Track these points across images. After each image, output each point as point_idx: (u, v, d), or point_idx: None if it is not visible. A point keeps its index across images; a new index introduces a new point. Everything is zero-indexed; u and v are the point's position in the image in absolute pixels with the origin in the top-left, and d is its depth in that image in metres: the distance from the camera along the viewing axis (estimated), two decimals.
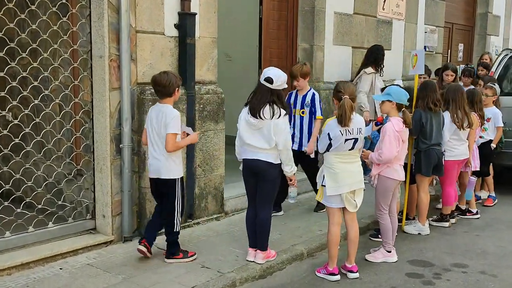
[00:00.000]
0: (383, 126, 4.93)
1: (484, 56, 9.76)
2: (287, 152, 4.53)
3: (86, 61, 4.97)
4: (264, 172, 4.56)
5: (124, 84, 4.91)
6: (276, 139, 4.45)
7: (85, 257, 4.76)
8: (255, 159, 4.56)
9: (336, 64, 7.75)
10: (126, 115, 4.95)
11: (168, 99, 4.53)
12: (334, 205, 4.59)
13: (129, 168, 5.02)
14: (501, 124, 6.93)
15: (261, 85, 4.52)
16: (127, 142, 4.98)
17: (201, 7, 5.61)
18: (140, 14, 5.06)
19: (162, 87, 4.49)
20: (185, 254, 4.74)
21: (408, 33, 9.50)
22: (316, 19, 7.32)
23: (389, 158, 4.83)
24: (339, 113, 4.42)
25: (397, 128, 4.83)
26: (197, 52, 5.55)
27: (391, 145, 4.81)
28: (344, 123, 4.38)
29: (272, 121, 4.43)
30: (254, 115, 4.47)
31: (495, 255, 5.26)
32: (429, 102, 5.58)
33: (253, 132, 4.53)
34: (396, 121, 4.87)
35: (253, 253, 4.79)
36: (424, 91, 5.66)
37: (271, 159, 4.54)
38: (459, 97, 5.92)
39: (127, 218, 5.09)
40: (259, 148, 4.52)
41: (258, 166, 4.55)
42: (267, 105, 4.45)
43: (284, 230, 5.68)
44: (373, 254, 5.10)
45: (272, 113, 4.44)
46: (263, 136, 4.49)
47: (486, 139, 6.87)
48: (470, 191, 6.48)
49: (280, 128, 4.45)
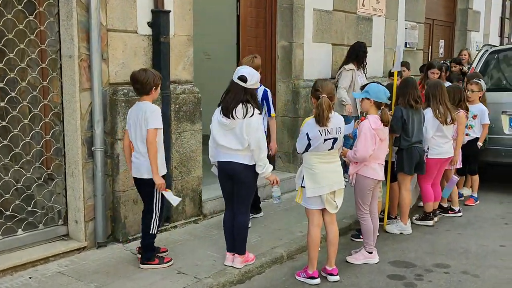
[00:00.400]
0: (360, 124, 4.83)
1: (462, 52, 9.73)
2: (259, 151, 4.34)
3: (55, 61, 4.79)
4: (239, 174, 4.43)
5: (95, 85, 4.74)
6: (249, 138, 4.30)
7: (56, 265, 4.58)
8: (230, 161, 4.42)
9: (316, 62, 7.63)
10: (98, 117, 4.78)
11: (146, 97, 4.40)
12: (314, 207, 4.47)
13: (102, 171, 4.85)
14: (487, 122, 6.82)
15: (234, 83, 4.37)
16: (100, 144, 4.81)
17: (175, 4, 5.45)
18: (111, 12, 4.89)
19: (140, 84, 4.37)
20: (161, 260, 4.59)
21: (389, 30, 9.42)
22: (295, 16, 7.19)
23: (364, 157, 4.73)
24: (316, 113, 4.29)
25: (374, 126, 4.73)
26: (172, 50, 5.40)
27: (366, 143, 4.71)
28: (322, 122, 4.26)
29: (245, 120, 4.29)
30: (226, 115, 4.33)
31: (477, 254, 5.19)
32: (410, 99, 5.49)
33: (226, 133, 4.39)
34: (374, 119, 4.77)
35: (231, 257, 4.66)
36: (404, 88, 5.57)
37: (246, 160, 4.40)
38: (439, 92, 5.84)
39: (101, 223, 4.92)
40: (233, 149, 4.38)
41: (233, 168, 4.42)
42: (240, 104, 4.31)
43: (264, 232, 5.56)
44: (354, 255, 5.00)
45: (245, 112, 4.30)
46: (236, 137, 4.35)
47: (472, 136, 6.78)
48: (449, 190, 6.34)
49: (252, 127, 4.29)
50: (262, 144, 4.35)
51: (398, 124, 5.44)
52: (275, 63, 7.36)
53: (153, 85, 4.38)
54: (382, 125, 4.79)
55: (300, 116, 7.20)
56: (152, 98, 4.45)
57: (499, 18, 14.60)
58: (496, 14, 14.32)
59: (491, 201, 6.97)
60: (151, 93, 4.41)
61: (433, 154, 5.89)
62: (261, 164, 4.39)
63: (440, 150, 5.91)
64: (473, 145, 6.77)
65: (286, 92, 7.35)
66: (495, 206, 6.89)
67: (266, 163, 4.41)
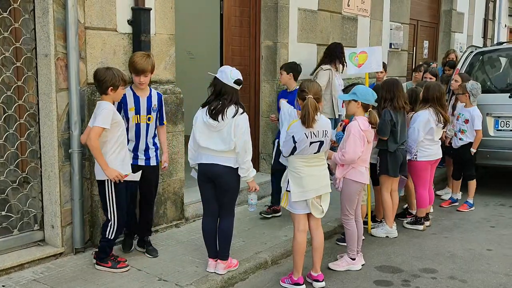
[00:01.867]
0: (348, 125, 4.71)
1: (450, 55, 9.57)
2: (245, 154, 4.23)
3: (30, 60, 4.60)
4: (222, 177, 4.29)
5: (73, 85, 4.56)
6: (236, 140, 4.18)
7: (31, 272, 4.40)
8: (213, 164, 4.28)
9: (301, 62, 7.48)
10: (75, 118, 4.60)
11: (104, 96, 4.26)
12: (299, 211, 4.35)
13: (79, 174, 4.67)
14: (479, 128, 6.59)
15: (228, 87, 4.23)
16: (77, 146, 4.63)
17: (157, 2, 5.29)
18: (90, 9, 4.72)
19: (96, 82, 4.28)
20: (113, 264, 4.44)
21: (374, 30, 9.35)
22: (280, 16, 7.07)
23: (352, 159, 4.61)
24: (302, 114, 4.17)
25: (363, 127, 4.62)
26: (153, 49, 5.23)
27: (356, 144, 4.59)
28: (308, 124, 4.14)
29: (234, 120, 4.18)
30: (214, 118, 4.19)
31: (464, 258, 5.11)
32: (400, 101, 5.38)
33: (212, 134, 4.25)
34: (362, 120, 4.66)
35: (213, 263, 4.52)
36: (392, 91, 5.45)
37: (230, 163, 4.27)
38: (441, 95, 5.77)
39: (79, 228, 4.75)
40: (217, 151, 4.25)
41: (216, 171, 4.28)
42: (232, 105, 4.21)
43: (248, 236, 5.42)
44: (337, 262, 4.88)
45: (234, 112, 4.20)
46: (222, 138, 4.22)
47: (466, 141, 6.65)
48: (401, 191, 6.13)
49: (240, 129, 4.19)
50: (248, 147, 4.24)
51: (387, 127, 5.33)
52: (259, 63, 7.23)
53: (109, 85, 4.20)
54: (371, 127, 4.68)
55: None
56: (111, 98, 4.27)
57: (483, 19, 14.63)
58: (479, 15, 14.36)
59: (477, 203, 6.90)
60: (108, 93, 4.23)
61: (422, 156, 5.81)
62: (244, 168, 4.27)
63: (429, 152, 5.84)
64: (467, 151, 6.63)
65: (271, 92, 7.23)
66: (481, 209, 6.84)
67: (249, 167, 4.30)
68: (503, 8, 16.14)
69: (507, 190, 7.88)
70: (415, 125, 5.72)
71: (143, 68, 4.51)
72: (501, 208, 6.96)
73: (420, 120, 5.72)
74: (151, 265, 4.61)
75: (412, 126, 5.73)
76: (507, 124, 7.36)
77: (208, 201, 4.47)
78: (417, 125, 5.71)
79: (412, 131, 5.71)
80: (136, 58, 4.53)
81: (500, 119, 7.40)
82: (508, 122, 7.35)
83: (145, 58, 4.53)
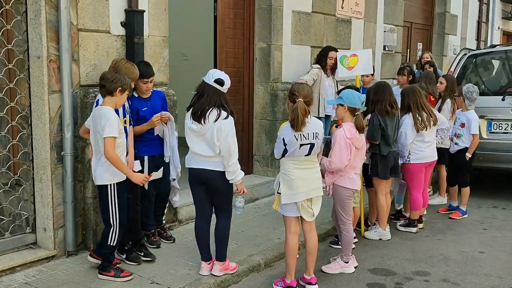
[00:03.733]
0: (334, 133, 4.67)
1: (424, 55, 9.34)
2: (230, 157, 4.17)
3: (22, 62, 4.58)
4: (215, 183, 4.28)
5: (65, 87, 4.54)
6: (219, 144, 4.14)
7: (23, 275, 4.37)
8: (203, 169, 4.27)
9: (295, 64, 7.52)
10: (68, 120, 4.58)
11: (106, 99, 4.15)
12: (290, 214, 4.34)
13: (71, 177, 4.66)
14: (475, 132, 6.41)
15: (208, 86, 4.20)
16: (70, 149, 4.62)
17: (150, 4, 5.28)
18: (82, 11, 4.70)
19: (104, 81, 4.13)
20: (117, 272, 4.36)
21: (368, 32, 9.37)
22: (274, 18, 7.07)
23: (339, 168, 4.59)
24: (292, 117, 4.15)
25: (349, 135, 4.57)
26: (146, 52, 5.23)
27: (341, 153, 4.56)
28: (297, 127, 4.12)
29: (216, 124, 4.13)
30: (197, 120, 4.15)
31: (457, 261, 5.12)
32: (387, 105, 5.36)
33: (197, 139, 4.23)
34: (348, 127, 4.60)
35: (206, 266, 4.51)
36: (381, 94, 5.43)
37: (219, 167, 4.24)
38: (418, 98, 5.72)
39: (71, 231, 4.73)
40: (205, 156, 4.23)
41: (207, 176, 4.27)
42: (214, 109, 4.15)
43: (241, 239, 5.41)
44: (330, 265, 4.87)
45: (217, 117, 4.13)
46: (207, 143, 4.19)
47: (461, 146, 6.49)
48: (402, 195, 6.18)
49: (223, 132, 4.12)
50: (233, 149, 4.18)
51: (376, 131, 5.32)
52: (253, 65, 7.22)
53: (119, 85, 4.12)
54: (358, 133, 4.64)
55: (279, 119, 7.08)
56: (114, 102, 4.17)
57: (476, 22, 14.69)
58: (473, 18, 14.42)
59: (470, 205, 6.91)
60: (115, 94, 4.13)
61: (415, 159, 5.79)
62: (230, 171, 4.22)
63: (422, 155, 5.81)
64: (462, 156, 6.46)
65: (264, 94, 7.23)
66: (474, 211, 6.85)
67: (236, 169, 4.24)
68: (497, 11, 16.22)
69: (500, 192, 7.92)
70: (402, 129, 5.70)
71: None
72: (494, 210, 6.99)
73: (406, 123, 5.71)
74: (144, 268, 4.59)
75: (400, 130, 5.71)
76: (499, 126, 7.38)
77: (201, 203, 4.46)
78: (404, 129, 5.70)
79: (400, 135, 5.69)
80: (128, 64, 4.51)
81: (493, 121, 7.42)
82: (501, 124, 7.38)
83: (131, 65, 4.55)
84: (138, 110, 4.78)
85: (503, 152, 7.32)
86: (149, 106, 4.87)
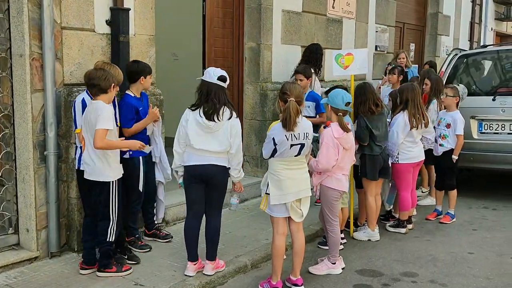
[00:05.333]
0: (322, 133, 4.64)
1: (400, 55, 9.04)
2: (239, 155, 4.33)
3: (5, 60, 4.50)
4: (216, 178, 4.31)
5: (48, 86, 4.48)
6: (232, 141, 4.24)
7: (4, 277, 4.30)
8: (206, 165, 4.26)
9: (285, 64, 7.46)
10: (51, 119, 4.52)
11: (101, 96, 4.14)
12: (278, 215, 4.28)
13: (55, 177, 4.59)
14: (460, 132, 6.20)
15: (213, 85, 4.23)
16: (53, 148, 4.55)
17: (136, 2, 5.23)
18: (66, 9, 4.64)
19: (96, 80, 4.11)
20: (118, 267, 4.36)
21: (359, 33, 9.33)
22: (263, 17, 7.02)
23: (326, 168, 4.55)
24: (284, 117, 4.11)
25: (336, 135, 4.53)
26: (132, 50, 5.17)
27: (328, 153, 4.51)
28: (289, 127, 4.09)
29: (230, 122, 4.23)
30: (211, 118, 4.18)
31: (445, 262, 5.07)
32: (371, 104, 5.30)
33: (207, 136, 4.25)
34: (336, 127, 4.57)
35: (192, 267, 4.45)
36: (363, 95, 5.35)
37: (224, 162, 4.32)
38: (416, 96, 5.70)
39: (54, 232, 4.66)
40: (212, 152, 4.25)
41: (212, 171, 4.27)
42: (225, 106, 4.23)
43: (228, 240, 5.35)
44: (317, 266, 4.81)
45: (230, 114, 4.23)
46: (218, 140, 4.25)
47: (447, 148, 6.26)
48: (393, 196, 6.08)
49: (236, 130, 4.28)
50: (241, 148, 4.37)
51: (364, 133, 5.27)
52: (242, 65, 7.17)
53: (112, 82, 4.17)
54: (346, 133, 4.58)
55: (268, 119, 7.02)
56: (108, 98, 4.19)
57: (469, 22, 14.70)
58: (466, 18, 14.42)
59: (460, 206, 6.88)
60: (110, 91, 4.17)
61: (404, 159, 5.75)
62: (237, 168, 4.36)
63: (410, 155, 5.77)
64: (449, 158, 6.24)
65: (254, 94, 7.17)
66: (464, 211, 6.82)
67: (241, 167, 4.41)
68: (489, 12, 16.24)
69: (490, 192, 7.88)
70: (393, 127, 5.66)
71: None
72: (484, 210, 6.95)
73: (399, 123, 5.66)
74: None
75: (391, 129, 5.67)
76: (490, 127, 7.36)
77: (195, 202, 4.42)
78: (396, 128, 5.65)
79: (392, 134, 5.65)
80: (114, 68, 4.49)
81: (484, 122, 7.40)
82: (491, 125, 7.35)
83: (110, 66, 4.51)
84: (137, 110, 4.76)
85: (494, 152, 7.30)
86: (143, 105, 4.88)
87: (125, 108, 4.67)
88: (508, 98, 7.28)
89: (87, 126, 4.11)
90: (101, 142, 3.99)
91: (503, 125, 7.29)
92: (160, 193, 5.27)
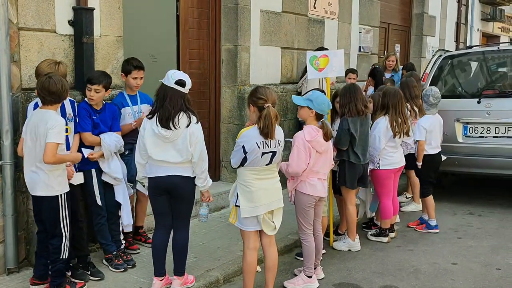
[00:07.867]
0: (294, 135, 4.39)
1: (390, 58, 8.90)
2: (202, 163, 4.02)
3: None
4: (180, 188, 4.04)
5: (3, 90, 4.18)
6: (192, 150, 3.93)
7: None
8: (171, 175, 3.99)
9: (264, 66, 7.22)
10: (7, 127, 4.23)
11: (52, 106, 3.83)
12: (249, 228, 4.03)
13: (12, 188, 4.30)
14: (419, 138, 5.93)
15: (170, 89, 3.94)
16: (9, 158, 4.26)
17: (102, 1, 4.96)
18: (24, 9, 4.35)
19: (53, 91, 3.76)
20: (72, 286, 4.08)
21: (342, 33, 9.10)
22: (241, 17, 6.75)
23: (296, 172, 4.30)
24: (264, 124, 3.84)
25: (308, 138, 4.28)
26: (97, 52, 4.90)
27: (299, 156, 4.26)
28: (270, 135, 3.85)
29: (188, 129, 3.91)
30: (166, 126, 3.88)
31: (427, 274, 4.84)
32: (360, 105, 5.06)
33: (165, 146, 3.95)
34: (309, 129, 4.32)
35: (158, 282, 4.20)
36: (353, 94, 5.11)
37: (187, 172, 4.02)
38: (399, 102, 5.47)
39: (12, 247, 4.36)
40: (173, 162, 3.96)
41: (174, 182, 4.00)
42: (182, 113, 3.92)
43: (201, 251, 5.09)
44: (292, 280, 4.55)
45: (188, 121, 3.92)
46: (177, 149, 3.95)
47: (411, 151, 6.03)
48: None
49: (196, 137, 3.96)
50: (205, 156, 4.03)
51: (346, 137, 5.02)
52: (219, 67, 6.90)
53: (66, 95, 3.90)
54: (323, 138, 4.35)
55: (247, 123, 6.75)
56: (56, 108, 3.89)
57: (455, 23, 14.54)
58: (451, 19, 14.25)
59: (444, 212, 6.68)
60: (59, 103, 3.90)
61: (385, 165, 5.51)
62: (202, 177, 4.06)
63: (391, 160, 5.54)
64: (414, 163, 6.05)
65: (232, 98, 6.91)
66: (448, 218, 6.60)
67: (207, 176, 4.09)
68: (476, 12, 16.11)
69: (476, 198, 7.67)
70: (375, 132, 5.43)
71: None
72: (469, 217, 6.74)
73: (380, 127, 5.43)
74: (91, 286, 4.25)
75: (373, 133, 5.43)
76: (475, 130, 7.15)
77: (161, 214, 4.17)
78: (378, 133, 5.42)
79: (374, 139, 5.41)
80: (43, 64, 4.15)
81: (469, 125, 7.19)
82: (477, 128, 7.15)
83: (55, 66, 4.14)
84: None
85: (479, 156, 7.08)
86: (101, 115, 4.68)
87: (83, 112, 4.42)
88: (493, 101, 7.07)
89: (33, 135, 3.79)
90: (53, 157, 3.69)
91: (488, 128, 7.08)
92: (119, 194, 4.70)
